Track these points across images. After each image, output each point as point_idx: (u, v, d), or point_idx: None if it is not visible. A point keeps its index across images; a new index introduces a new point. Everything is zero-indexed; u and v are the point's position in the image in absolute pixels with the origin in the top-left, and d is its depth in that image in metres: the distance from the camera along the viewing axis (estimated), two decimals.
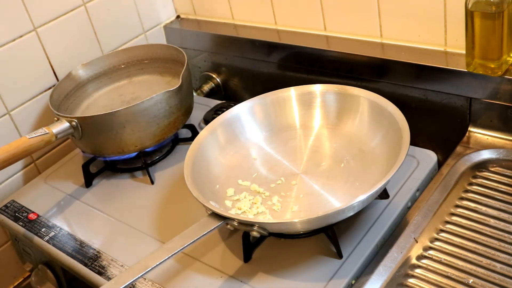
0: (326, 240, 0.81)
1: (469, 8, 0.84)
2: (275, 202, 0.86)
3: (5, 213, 1.03)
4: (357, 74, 1.05)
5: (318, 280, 0.76)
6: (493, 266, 0.74)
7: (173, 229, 0.89)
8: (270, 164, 0.94)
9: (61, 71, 1.15)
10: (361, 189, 0.84)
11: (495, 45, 0.85)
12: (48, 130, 0.95)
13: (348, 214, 0.76)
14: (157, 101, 0.98)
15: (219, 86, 1.32)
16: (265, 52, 1.17)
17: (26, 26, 1.08)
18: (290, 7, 1.13)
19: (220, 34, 1.24)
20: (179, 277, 0.82)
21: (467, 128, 0.97)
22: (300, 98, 0.98)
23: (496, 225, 0.80)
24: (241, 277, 0.80)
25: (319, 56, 1.08)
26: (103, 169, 1.08)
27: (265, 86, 1.11)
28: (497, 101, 0.91)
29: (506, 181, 0.86)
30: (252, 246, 0.83)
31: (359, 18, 1.04)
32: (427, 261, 0.77)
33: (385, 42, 1.04)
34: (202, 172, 0.88)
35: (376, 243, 0.80)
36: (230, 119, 0.97)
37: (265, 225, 0.75)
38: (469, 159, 0.90)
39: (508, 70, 0.88)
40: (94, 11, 1.18)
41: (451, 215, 0.83)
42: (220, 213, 0.76)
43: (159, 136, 1.02)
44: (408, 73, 0.98)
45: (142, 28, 1.29)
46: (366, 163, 0.88)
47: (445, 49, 0.97)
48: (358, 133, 0.93)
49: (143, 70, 1.19)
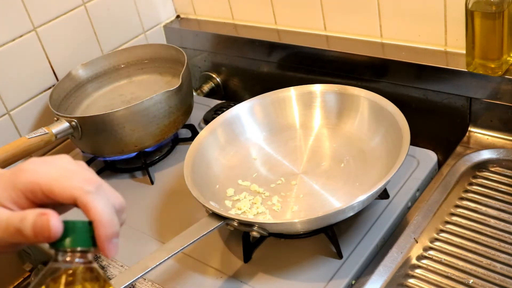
0: (326, 240, 0.81)
1: (469, 8, 0.84)
2: (275, 202, 0.86)
3: None
4: (357, 74, 1.05)
5: (318, 280, 0.76)
6: (493, 266, 0.74)
7: (173, 229, 0.89)
8: (270, 164, 0.94)
9: (61, 71, 1.15)
10: (361, 189, 0.84)
11: (495, 45, 0.85)
12: (47, 130, 0.95)
13: (348, 214, 0.76)
14: (157, 101, 0.98)
15: (219, 86, 1.31)
16: (265, 52, 1.17)
17: (26, 26, 1.08)
18: (290, 7, 1.13)
19: (220, 34, 1.24)
20: (179, 277, 0.82)
21: (467, 128, 0.96)
22: (300, 98, 0.98)
23: (496, 225, 0.80)
24: (241, 277, 0.80)
25: (319, 56, 1.08)
26: (103, 169, 1.08)
27: (265, 86, 1.11)
28: (497, 101, 0.91)
29: (506, 181, 0.86)
30: (252, 246, 0.83)
31: (359, 18, 1.04)
32: (427, 261, 0.77)
33: (385, 42, 1.04)
34: (202, 172, 0.88)
35: (376, 243, 0.80)
36: (230, 119, 0.97)
37: (265, 225, 0.75)
38: (469, 159, 0.90)
39: (508, 70, 0.88)
40: (94, 11, 1.18)
41: (451, 215, 0.82)
42: (220, 213, 0.76)
43: (159, 136, 1.02)
44: (408, 73, 0.98)
45: (142, 28, 1.29)
46: (366, 163, 0.88)
47: (445, 49, 0.97)
48: (358, 133, 0.93)
49: (143, 70, 1.19)
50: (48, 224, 0.41)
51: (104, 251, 0.43)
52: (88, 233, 0.43)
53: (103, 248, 0.43)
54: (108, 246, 0.43)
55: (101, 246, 0.43)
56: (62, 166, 0.45)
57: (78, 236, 0.42)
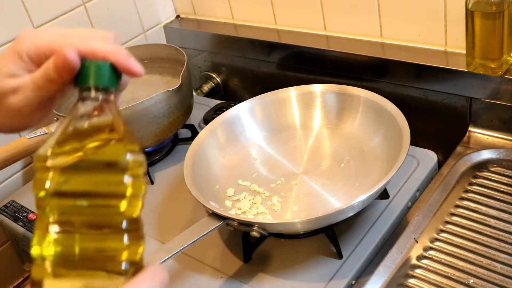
0: (326, 240, 0.81)
1: (469, 8, 0.84)
2: (275, 202, 0.86)
3: (4, 213, 1.03)
4: (357, 74, 1.05)
5: (318, 280, 0.76)
6: (493, 266, 0.74)
7: (173, 229, 0.89)
8: (270, 164, 0.94)
9: None
10: (361, 189, 0.83)
11: (496, 45, 0.85)
12: (47, 130, 0.95)
13: (348, 214, 0.76)
14: (157, 101, 0.98)
15: (219, 86, 1.31)
16: (265, 52, 1.17)
17: (25, 26, 1.08)
18: (290, 7, 1.13)
19: (220, 34, 1.24)
20: (179, 277, 0.82)
21: (467, 128, 0.96)
22: (300, 98, 0.98)
23: (497, 225, 0.79)
24: (241, 277, 0.80)
25: (319, 56, 1.08)
26: None
27: (265, 86, 1.11)
28: (497, 101, 0.91)
29: (507, 181, 0.86)
30: (252, 246, 0.83)
31: (359, 18, 1.04)
32: (427, 261, 0.77)
33: (385, 42, 1.04)
34: (202, 172, 0.88)
35: (376, 243, 0.80)
36: (230, 119, 0.97)
37: (265, 225, 0.75)
38: (469, 159, 0.90)
39: (508, 70, 0.88)
40: (93, 11, 1.18)
41: (451, 215, 0.82)
42: (220, 213, 0.76)
43: (159, 136, 1.02)
44: (408, 73, 0.98)
45: (142, 27, 1.29)
46: (366, 163, 0.88)
47: (445, 49, 0.97)
48: (358, 133, 0.93)
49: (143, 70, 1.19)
50: (65, 55, 0.43)
51: (131, 68, 0.45)
52: (109, 71, 0.45)
53: (128, 66, 0.45)
54: (131, 62, 0.46)
55: (126, 65, 0.45)
56: (53, 30, 0.48)
57: (100, 73, 0.44)
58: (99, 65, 0.45)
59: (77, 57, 0.44)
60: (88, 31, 0.48)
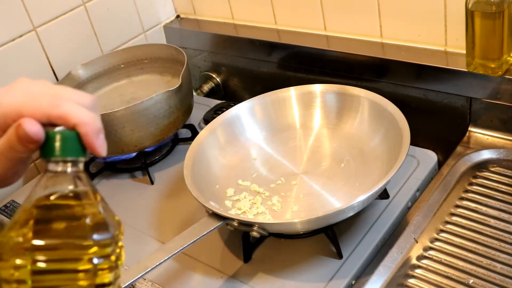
0: (326, 240, 0.81)
1: (469, 8, 0.84)
2: (275, 202, 0.86)
3: (4, 213, 1.03)
4: (357, 74, 1.05)
5: (318, 280, 0.76)
6: (494, 266, 0.74)
7: (173, 229, 0.89)
8: (270, 164, 0.94)
9: (61, 71, 1.15)
10: (361, 189, 0.83)
11: (496, 45, 0.85)
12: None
13: (348, 214, 0.76)
14: (157, 101, 0.98)
15: (219, 86, 1.31)
16: (265, 52, 1.17)
17: (25, 26, 1.08)
18: (290, 7, 1.13)
19: (220, 34, 1.24)
20: (179, 277, 0.82)
21: (467, 128, 0.96)
22: (300, 98, 0.98)
23: (497, 225, 0.79)
24: (241, 277, 0.80)
25: (319, 56, 1.08)
26: (103, 169, 1.08)
27: (265, 86, 1.11)
28: (497, 101, 0.91)
29: (507, 181, 0.86)
30: (252, 246, 0.83)
31: (359, 18, 1.04)
32: (427, 261, 0.77)
33: (385, 42, 1.04)
34: (202, 172, 0.88)
35: (376, 243, 0.80)
36: (230, 119, 0.97)
37: (265, 225, 0.75)
38: (469, 159, 0.90)
39: (508, 70, 0.88)
40: (93, 11, 1.18)
41: (451, 215, 0.82)
42: (220, 213, 0.76)
43: (158, 136, 1.02)
44: (408, 73, 0.98)
45: (142, 27, 1.29)
46: (366, 163, 0.88)
47: (445, 49, 0.97)
48: (358, 133, 0.93)
49: (143, 70, 1.19)
50: (24, 129, 0.41)
51: (95, 148, 0.43)
52: (76, 141, 0.43)
53: (93, 145, 0.43)
54: (98, 142, 0.44)
55: (91, 143, 0.43)
56: (25, 89, 0.45)
57: (67, 145, 0.43)
58: (65, 136, 0.42)
59: (39, 129, 0.42)
60: (67, 92, 0.45)
